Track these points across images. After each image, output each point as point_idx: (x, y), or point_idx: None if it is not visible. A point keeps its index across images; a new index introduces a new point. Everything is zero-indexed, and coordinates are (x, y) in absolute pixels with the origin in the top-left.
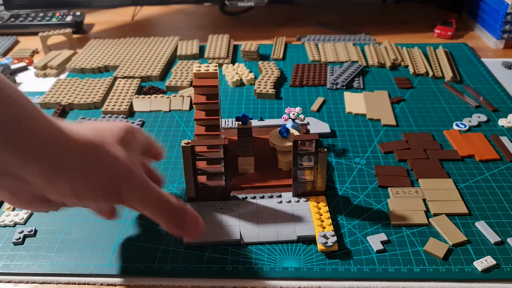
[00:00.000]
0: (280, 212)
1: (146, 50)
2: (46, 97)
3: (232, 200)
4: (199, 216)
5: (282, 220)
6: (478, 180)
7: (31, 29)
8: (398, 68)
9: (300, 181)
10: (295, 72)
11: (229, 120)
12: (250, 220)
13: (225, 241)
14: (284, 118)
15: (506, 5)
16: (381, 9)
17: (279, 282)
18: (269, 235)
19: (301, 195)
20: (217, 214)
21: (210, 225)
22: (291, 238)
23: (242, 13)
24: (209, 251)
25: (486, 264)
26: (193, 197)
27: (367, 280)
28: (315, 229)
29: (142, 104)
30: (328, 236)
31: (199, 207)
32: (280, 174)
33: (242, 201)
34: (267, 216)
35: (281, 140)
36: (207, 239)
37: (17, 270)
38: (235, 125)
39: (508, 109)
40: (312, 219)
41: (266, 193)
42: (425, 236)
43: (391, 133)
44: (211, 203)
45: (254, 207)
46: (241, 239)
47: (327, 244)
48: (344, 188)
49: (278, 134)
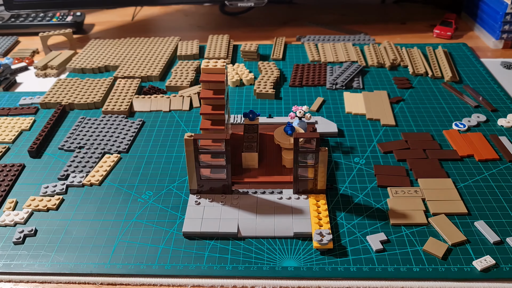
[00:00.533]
0: (279, 208)
1: (146, 50)
2: (47, 97)
3: (234, 194)
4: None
5: (280, 216)
6: (478, 180)
7: (32, 29)
8: (398, 68)
9: (301, 179)
10: (295, 72)
11: (238, 116)
12: (249, 214)
13: (223, 233)
14: (291, 116)
15: (505, 5)
16: (381, 9)
17: (279, 282)
18: (267, 230)
19: (301, 192)
20: (218, 207)
21: (209, 217)
22: (288, 234)
23: (242, 13)
24: (208, 250)
25: (485, 263)
26: (196, 190)
27: (366, 279)
28: (312, 227)
29: (142, 104)
30: (324, 234)
31: (201, 199)
32: (283, 171)
33: (243, 196)
34: (266, 212)
35: (285, 138)
36: (205, 230)
37: (17, 270)
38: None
39: (507, 109)
40: (310, 216)
41: (267, 189)
42: (424, 235)
43: (390, 133)
44: (213, 196)
45: (254, 202)
46: (238, 232)
47: (322, 241)
48: (344, 187)
49: (283, 132)
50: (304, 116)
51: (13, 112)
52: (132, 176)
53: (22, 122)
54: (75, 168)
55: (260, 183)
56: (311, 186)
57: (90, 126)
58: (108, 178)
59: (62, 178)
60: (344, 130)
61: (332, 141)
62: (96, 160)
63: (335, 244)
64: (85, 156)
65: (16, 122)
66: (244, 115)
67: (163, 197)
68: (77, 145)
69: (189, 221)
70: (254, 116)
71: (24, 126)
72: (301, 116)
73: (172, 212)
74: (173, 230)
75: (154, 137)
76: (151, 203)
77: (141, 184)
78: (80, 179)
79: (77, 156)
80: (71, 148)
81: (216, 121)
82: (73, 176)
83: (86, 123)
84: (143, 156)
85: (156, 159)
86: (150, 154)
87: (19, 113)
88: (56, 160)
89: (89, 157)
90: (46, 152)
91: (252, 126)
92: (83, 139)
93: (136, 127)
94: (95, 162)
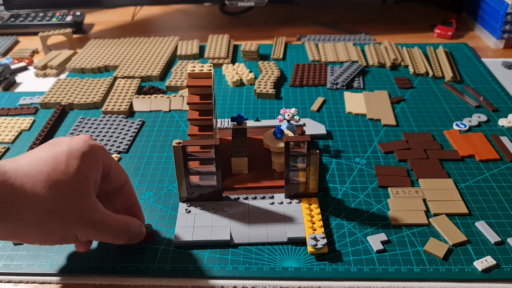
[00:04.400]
0: (271, 213)
1: (146, 50)
2: (46, 97)
3: (224, 200)
4: (144, 231)
5: (273, 222)
6: (478, 180)
7: (31, 29)
8: (398, 68)
9: (292, 183)
10: (295, 72)
11: (225, 120)
12: (241, 221)
13: (215, 242)
14: (279, 119)
15: (506, 5)
16: (381, 9)
17: (279, 282)
18: (260, 236)
19: (293, 196)
20: (209, 215)
21: (200, 226)
22: (282, 239)
23: (242, 13)
24: (209, 251)
25: (486, 264)
26: (185, 198)
27: (367, 280)
28: (305, 231)
29: (142, 104)
30: (318, 238)
31: (191, 207)
32: (273, 175)
33: (234, 202)
34: (259, 217)
35: (275, 141)
36: (197, 239)
37: (17, 270)
38: (231, 125)
39: (508, 109)
40: (303, 220)
41: (258, 194)
42: (425, 236)
43: (391, 133)
44: (203, 203)
45: (246, 208)
46: (231, 240)
47: (316, 246)
48: (344, 188)
49: (272, 135)
50: (292, 119)
51: (13, 112)
52: (132, 176)
53: (21, 122)
54: None
55: (251, 188)
56: (302, 190)
57: (90, 126)
58: None
59: None
60: (344, 130)
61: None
62: None
63: (336, 244)
64: None
65: (16, 122)
66: (232, 119)
67: (163, 197)
68: None
69: (180, 230)
70: (242, 120)
71: (24, 126)
72: (289, 119)
73: (172, 212)
74: (173, 231)
75: (154, 137)
76: (151, 203)
77: (141, 184)
78: None
79: None
80: None
81: (204, 127)
82: None
83: (86, 123)
84: (143, 156)
85: (156, 159)
86: (150, 154)
87: (18, 113)
88: None
89: None
90: None
91: (240, 130)
92: None
93: (136, 127)
94: None
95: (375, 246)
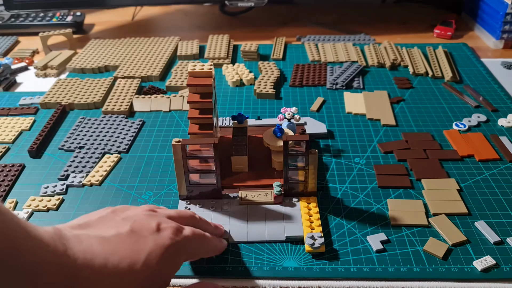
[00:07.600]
0: (270, 212)
1: (146, 50)
2: (46, 97)
3: (224, 199)
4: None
5: (271, 220)
6: (478, 180)
7: (32, 29)
8: (398, 68)
9: (291, 182)
10: (295, 72)
11: (227, 118)
12: (240, 219)
13: None
14: (280, 118)
15: (505, 5)
16: (381, 9)
17: (279, 282)
18: (258, 234)
19: (292, 195)
20: (208, 213)
21: None
22: (280, 238)
23: (242, 13)
24: None
25: (485, 263)
26: (185, 196)
27: (366, 279)
28: (304, 230)
29: (142, 104)
30: (315, 237)
31: (191, 205)
32: (273, 174)
33: (233, 200)
34: (257, 216)
35: (275, 140)
36: None
37: None
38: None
39: (507, 109)
40: (301, 219)
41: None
42: (424, 236)
43: (390, 133)
44: (203, 201)
45: (245, 207)
46: (229, 238)
47: (314, 245)
48: (344, 188)
49: (272, 134)
50: (293, 118)
51: (13, 112)
52: (132, 176)
53: (22, 122)
54: (75, 168)
55: (251, 187)
56: (301, 189)
57: (90, 126)
58: (108, 178)
59: (62, 178)
60: (344, 130)
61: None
62: (96, 160)
63: (335, 244)
64: (85, 156)
65: (16, 122)
66: (232, 118)
67: (163, 197)
68: (77, 145)
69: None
70: (242, 118)
71: (24, 126)
72: (290, 118)
73: None
74: None
75: (154, 137)
76: (151, 203)
77: (141, 184)
78: (80, 179)
79: (77, 156)
80: (71, 148)
81: (204, 125)
82: (73, 176)
83: (86, 123)
84: (143, 156)
85: (156, 159)
86: (150, 154)
87: (19, 113)
88: (56, 160)
89: (89, 157)
90: (46, 152)
91: (241, 128)
92: (83, 139)
93: (136, 127)
94: (95, 162)
95: (375, 246)
